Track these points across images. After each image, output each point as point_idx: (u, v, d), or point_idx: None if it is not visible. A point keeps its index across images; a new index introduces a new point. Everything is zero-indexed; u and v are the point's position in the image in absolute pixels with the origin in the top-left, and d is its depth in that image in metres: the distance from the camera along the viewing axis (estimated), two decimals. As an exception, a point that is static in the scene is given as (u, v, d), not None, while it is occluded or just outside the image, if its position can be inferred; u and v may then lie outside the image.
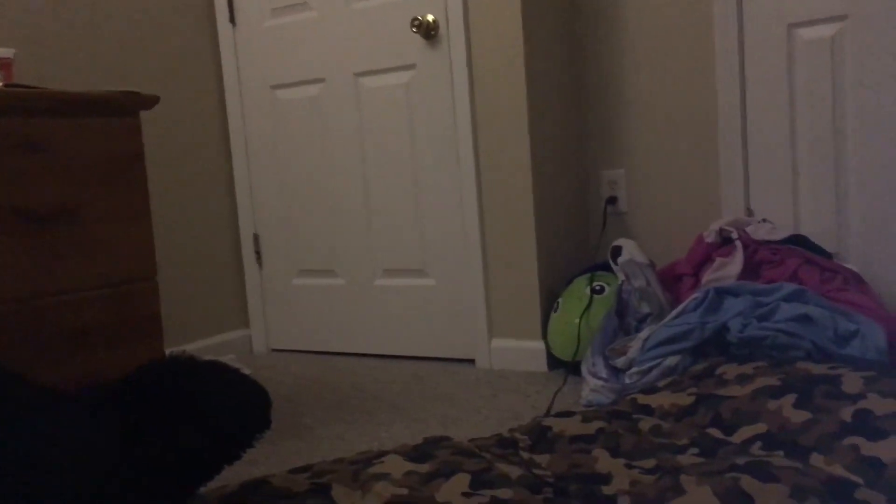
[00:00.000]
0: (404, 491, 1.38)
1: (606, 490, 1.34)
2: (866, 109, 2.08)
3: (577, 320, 2.21)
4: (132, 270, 1.70)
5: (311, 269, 2.73)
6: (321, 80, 2.62)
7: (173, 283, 2.65)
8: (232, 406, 1.29)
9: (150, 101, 1.72)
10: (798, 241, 2.08)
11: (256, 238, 2.80)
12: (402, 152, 2.51)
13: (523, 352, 2.35)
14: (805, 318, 1.82)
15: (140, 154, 1.70)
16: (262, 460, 1.78)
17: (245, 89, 2.75)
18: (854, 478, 1.33)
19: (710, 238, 2.15)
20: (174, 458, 1.22)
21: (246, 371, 2.44)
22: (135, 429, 1.19)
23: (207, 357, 1.87)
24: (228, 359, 2.62)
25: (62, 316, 1.57)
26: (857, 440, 1.40)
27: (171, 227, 2.65)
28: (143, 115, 2.55)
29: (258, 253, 2.80)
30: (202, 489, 1.40)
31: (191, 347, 2.67)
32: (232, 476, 1.59)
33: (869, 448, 1.37)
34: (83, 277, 1.61)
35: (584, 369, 2.04)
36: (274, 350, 2.82)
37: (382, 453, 1.55)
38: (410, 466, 1.47)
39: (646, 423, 1.62)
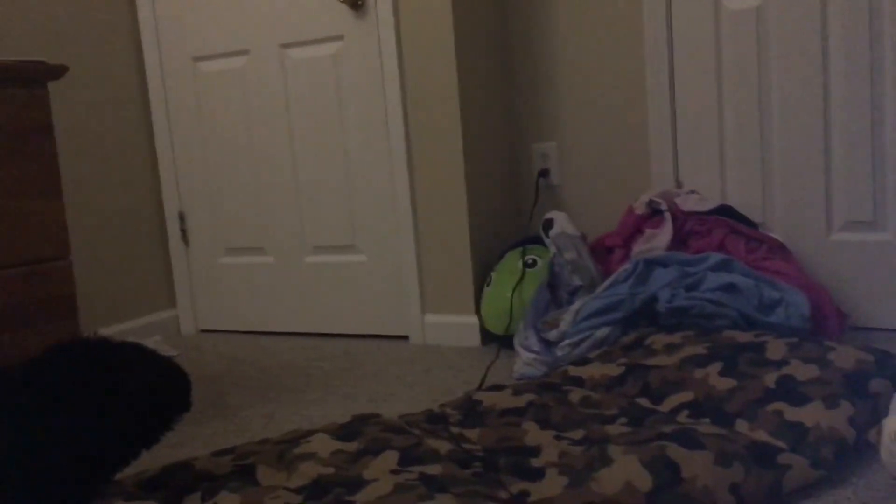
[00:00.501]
0: (331, 470, 1.35)
1: (535, 462, 1.33)
2: (790, 81, 2.11)
3: (509, 294, 2.20)
4: (44, 249, 1.62)
5: (239, 247, 2.66)
6: (245, 52, 2.54)
7: (97, 263, 2.55)
8: (148, 387, 1.24)
9: (58, 71, 1.63)
10: (725, 211, 2.11)
11: (182, 216, 2.72)
12: (330, 126, 2.45)
13: (456, 327, 2.33)
14: (731, 288, 1.85)
15: (48, 126, 1.62)
16: (187, 443, 1.73)
17: (166, 61, 2.65)
18: (778, 443, 1.35)
19: (639, 210, 2.16)
20: (86, 442, 1.17)
21: (170, 352, 2.37)
22: (41, 412, 1.13)
23: (132, 339, 1.80)
24: (154, 340, 2.54)
25: (-34, 298, 1.49)
26: (780, 406, 1.42)
27: (92, 205, 2.55)
28: (60, 89, 2.45)
29: (184, 231, 2.72)
30: (119, 475, 1.34)
31: (117, 329, 2.58)
32: (153, 460, 1.54)
33: (792, 413, 1.40)
34: (-11, 257, 1.52)
35: (516, 343, 2.03)
36: (202, 331, 2.75)
37: (309, 433, 1.51)
38: (338, 445, 1.44)
39: (576, 395, 1.62)
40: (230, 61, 2.57)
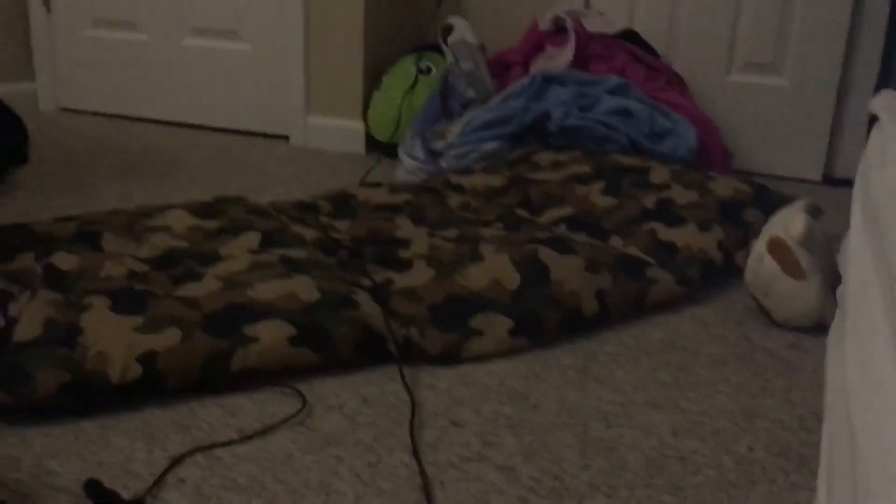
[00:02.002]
0: (184, 244, 1.26)
1: (403, 254, 1.28)
2: None
3: (399, 100, 2.09)
4: None
5: (109, 20, 2.40)
6: None
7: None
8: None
9: None
10: (630, 36, 2.03)
11: (44, -23, 2.41)
12: None
13: (341, 131, 2.21)
14: (625, 112, 1.80)
15: None
16: (31, 213, 1.58)
17: None
18: (647, 258, 1.34)
19: (544, 25, 2.06)
20: None
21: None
22: None
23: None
24: None
25: None
26: (655, 225, 1.41)
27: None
28: None
29: (45, -6, 2.42)
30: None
31: (-37, 98, 2.32)
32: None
33: (666, 234, 1.39)
34: None
35: (401, 151, 1.94)
36: (63, 109, 2.51)
37: (167, 207, 1.40)
38: (196, 222, 1.34)
39: (455, 200, 1.57)
40: None
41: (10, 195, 1.31)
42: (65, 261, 1.14)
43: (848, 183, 1.46)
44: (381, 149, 2.14)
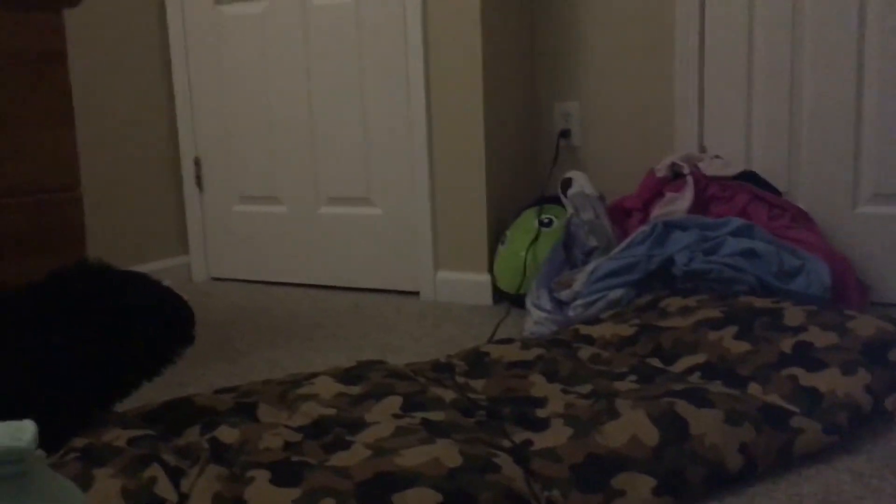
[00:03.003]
0: (332, 411, 1.33)
1: (540, 413, 1.30)
2: (822, 44, 2.04)
3: (523, 253, 2.17)
4: (54, 178, 1.60)
5: (254, 196, 2.63)
6: (268, -3, 2.50)
7: (109, 204, 2.54)
8: (150, 315, 1.22)
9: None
10: (749, 177, 2.05)
11: (198, 161, 2.69)
12: (349, 75, 2.41)
13: (469, 284, 2.30)
14: (751, 253, 1.80)
15: (62, 53, 1.59)
16: (190, 383, 1.72)
17: (187, 2, 2.61)
18: (790, 406, 1.31)
19: (661, 172, 2.11)
20: (83, 367, 1.15)
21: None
22: (38, 334, 1.11)
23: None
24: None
25: (-27, 222, 1.48)
26: (795, 371, 1.38)
27: (108, 146, 2.53)
28: (79, 23, 2.42)
29: (199, 177, 2.70)
30: (121, 408, 1.33)
31: (127, 274, 2.57)
32: (157, 398, 1.52)
33: (807, 379, 1.36)
34: (-2, 183, 1.51)
35: (528, 302, 2.00)
36: (214, 279, 2.73)
37: (313, 375, 1.49)
38: (341, 388, 1.42)
39: (585, 352, 1.59)
40: (251, 5, 2.53)
41: (170, 366, 1.44)
42: (227, 434, 1.23)
43: None
44: (509, 300, 2.20)
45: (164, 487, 1.08)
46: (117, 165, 2.56)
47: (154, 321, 1.21)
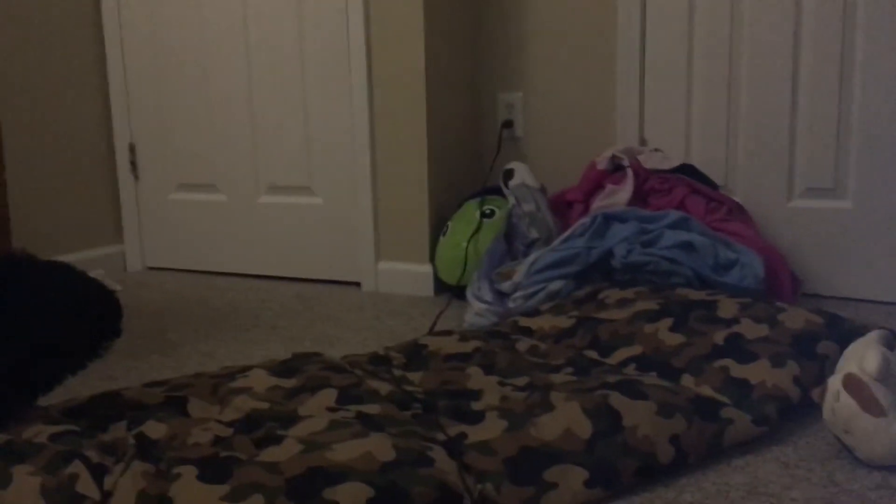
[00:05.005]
0: (265, 405, 1.31)
1: (476, 406, 1.30)
2: (760, 46, 2.07)
3: (464, 244, 2.16)
4: (-26, 165, 1.54)
5: (191, 184, 2.57)
6: (206, -21, 2.44)
7: (40, 191, 2.45)
8: (74, 307, 1.18)
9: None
10: (687, 170, 2.08)
11: (132, 148, 2.62)
12: (290, 63, 2.37)
13: (410, 275, 2.29)
14: (687, 246, 1.82)
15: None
16: (120, 376, 1.67)
17: (123, -15, 2.54)
18: (721, 398, 1.33)
19: (602, 165, 2.12)
20: (5, 359, 1.11)
21: (113, 286, 2.29)
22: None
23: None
24: (96, 274, 2.46)
25: None
26: (727, 362, 1.40)
27: (36, 131, 2.44)
28: (5, 13, 2.32)
29: (133, 164, 2.62)
30: (46, 402, 1.29)
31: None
32: (84, 391, 1.48)
33: (738, 370, 1.38)
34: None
35: (469, 293, 1.99)
36: (150, 268, 2.67)
37: (246, 368, 1.47)
38: (275, 381, 1.40)
39: (523, 344, 1.59)
40: (189, -12, 2.46)
41: (96, 359, 1.39)
42: (155, 429, 1.20)
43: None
44: (451, 291, 2.19)
45: (85, 485, 1.04)
46: (48, 150, 2.48)
47: (77, 313, 1.17)
